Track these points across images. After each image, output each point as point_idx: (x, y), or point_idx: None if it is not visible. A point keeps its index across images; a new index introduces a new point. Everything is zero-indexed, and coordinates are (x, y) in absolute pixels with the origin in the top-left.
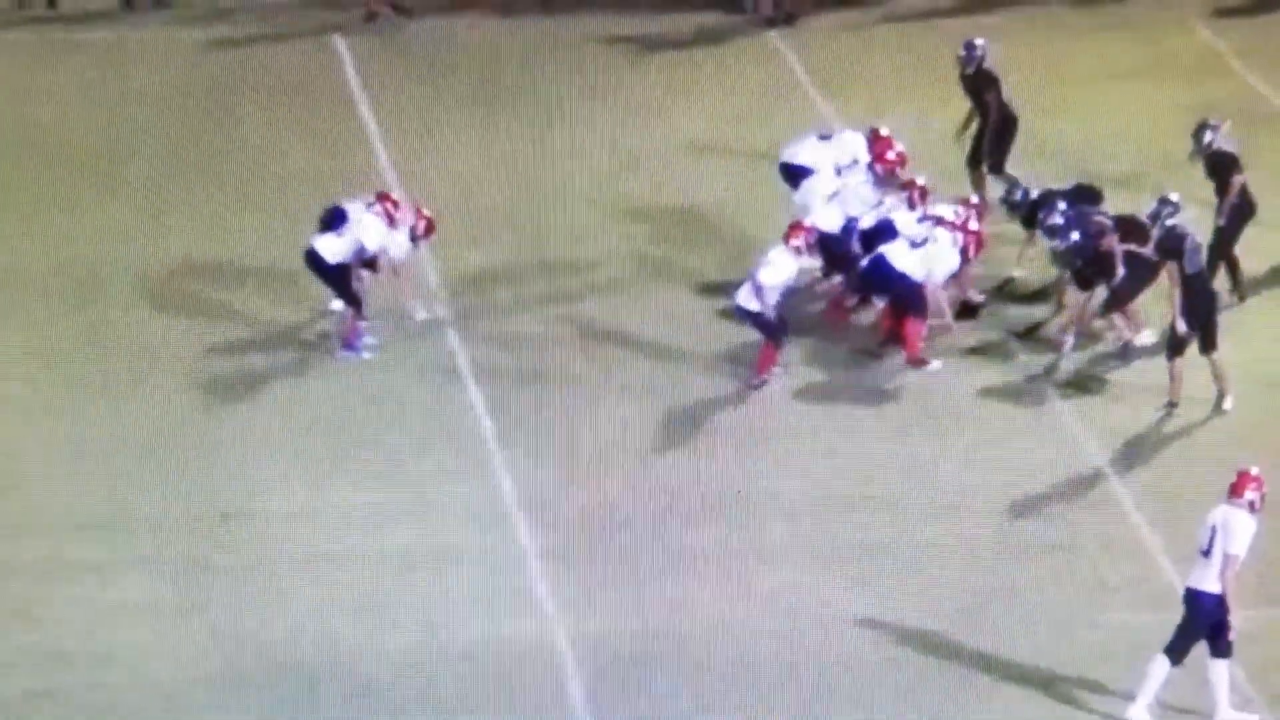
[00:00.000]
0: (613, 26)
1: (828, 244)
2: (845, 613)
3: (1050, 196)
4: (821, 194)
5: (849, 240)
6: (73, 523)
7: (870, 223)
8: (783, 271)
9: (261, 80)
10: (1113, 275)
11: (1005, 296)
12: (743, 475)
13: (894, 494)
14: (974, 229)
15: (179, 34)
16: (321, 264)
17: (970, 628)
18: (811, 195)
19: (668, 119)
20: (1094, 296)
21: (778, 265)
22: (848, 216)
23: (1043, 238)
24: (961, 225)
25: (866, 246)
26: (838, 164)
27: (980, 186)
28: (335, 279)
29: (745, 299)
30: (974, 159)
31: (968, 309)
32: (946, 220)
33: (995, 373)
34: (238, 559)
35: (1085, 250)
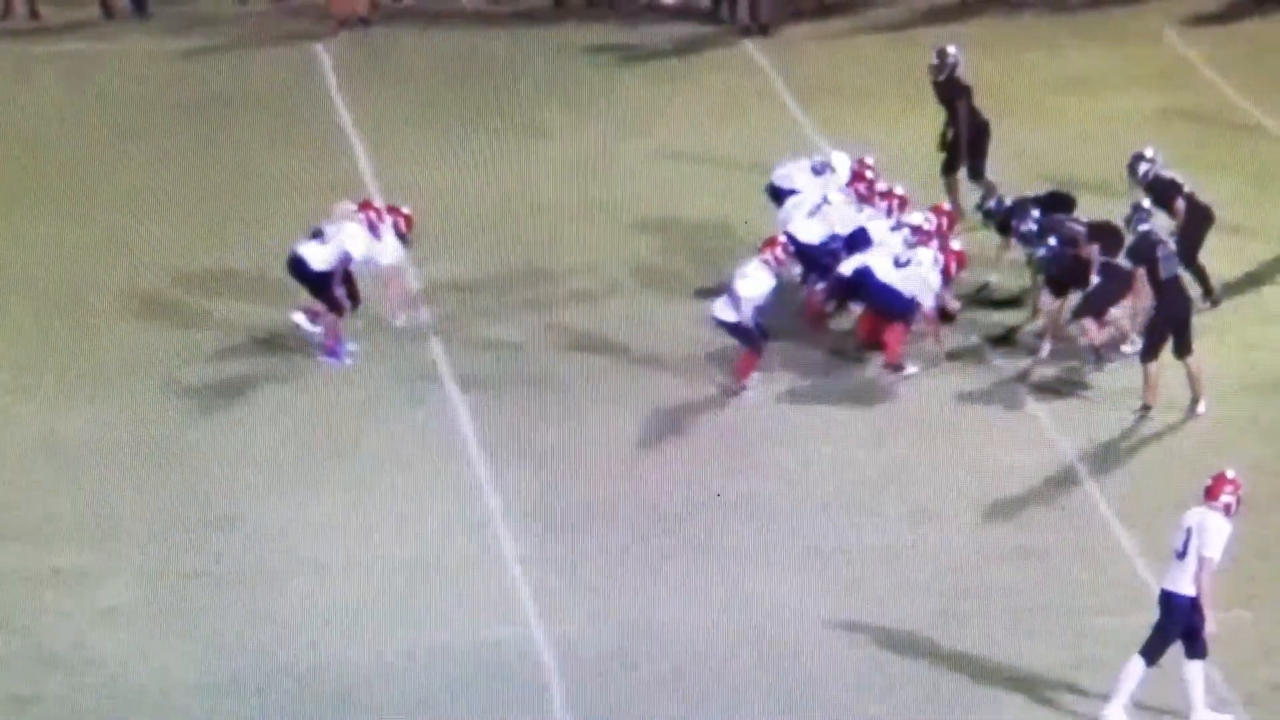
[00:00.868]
0: (591, 36)
1: (807, 253)
2: (825, 615)
3: (1024, 204)
4: (803, 209)
5: (828, 251)
6: (57, 530)
7: (847, 229)
8: (759, 285)
9: (242, 89)
10: (1086, 282)
11: (981, 302)
12: (722, 479)
13: (872, 497)
14: (955, 249)
15: (160, 44)
16: (305, 270)
17: (949, 630)
18: (794, 210)
19: (646, 127)
20: (1068, 302)
21: (755, 279)
22: (830, 234)
23: (1019, 244)
24: (942, 245)
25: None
26: (824, 193)
27: (954, 193)
28: (318, 286)
29: (721, 310)
30: (948, 167)
31: (944, 315)
32: (923, 231)
33: (972, 377)
34: (222, 566)
35: (1062, 257)
